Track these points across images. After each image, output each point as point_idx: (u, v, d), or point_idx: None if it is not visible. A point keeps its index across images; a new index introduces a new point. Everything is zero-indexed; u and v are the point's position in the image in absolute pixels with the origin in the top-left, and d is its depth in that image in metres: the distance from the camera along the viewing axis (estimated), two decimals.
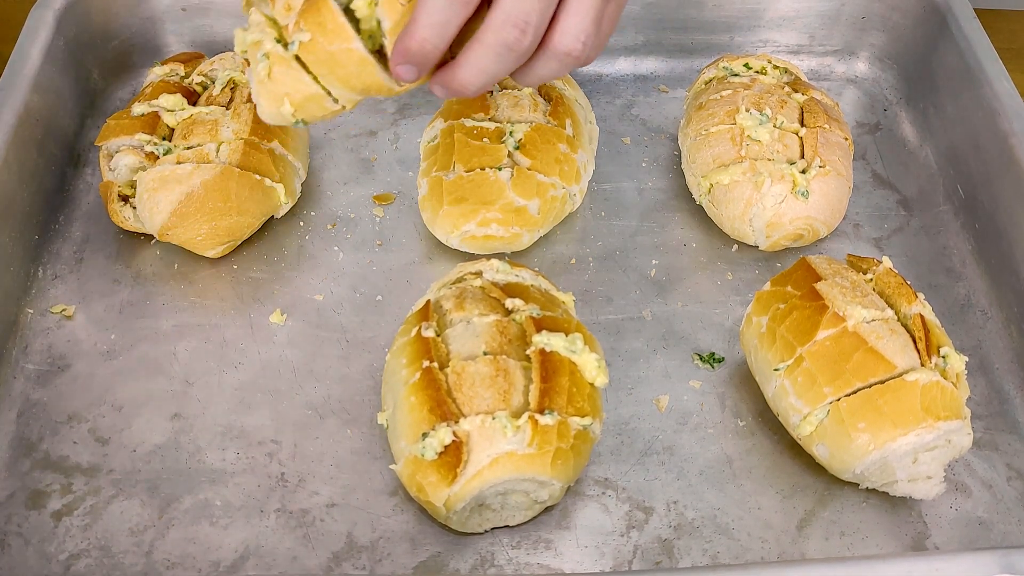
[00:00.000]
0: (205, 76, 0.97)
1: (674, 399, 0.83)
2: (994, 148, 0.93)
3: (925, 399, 0.71)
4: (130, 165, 0.89)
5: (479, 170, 0.88)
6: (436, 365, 0.71)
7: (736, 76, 1.00)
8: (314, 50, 0.64)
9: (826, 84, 1.13)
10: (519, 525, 0.74)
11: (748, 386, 0.83)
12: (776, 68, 1.01)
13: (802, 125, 0.94)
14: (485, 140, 0.90)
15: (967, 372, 0.76)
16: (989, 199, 0.93)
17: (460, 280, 0.80)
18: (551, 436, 0.68)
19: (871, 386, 0.72)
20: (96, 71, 1.05)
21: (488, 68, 0.64)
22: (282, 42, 0.66)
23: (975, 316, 0.90)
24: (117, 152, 0.90)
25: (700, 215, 0.97)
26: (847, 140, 0.95)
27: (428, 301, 0.77)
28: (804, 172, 0.90)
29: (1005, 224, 0.90)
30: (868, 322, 0.74)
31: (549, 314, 0.75)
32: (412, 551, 0.73)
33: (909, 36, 1.09)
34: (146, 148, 0.89)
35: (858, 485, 0.76)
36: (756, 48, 1.14)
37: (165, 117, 0.91)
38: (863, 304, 0.75)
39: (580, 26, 0.63)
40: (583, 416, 0.71)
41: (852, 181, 0.95)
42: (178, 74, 0.97)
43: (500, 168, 0.88)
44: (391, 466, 0.72)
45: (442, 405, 0.69)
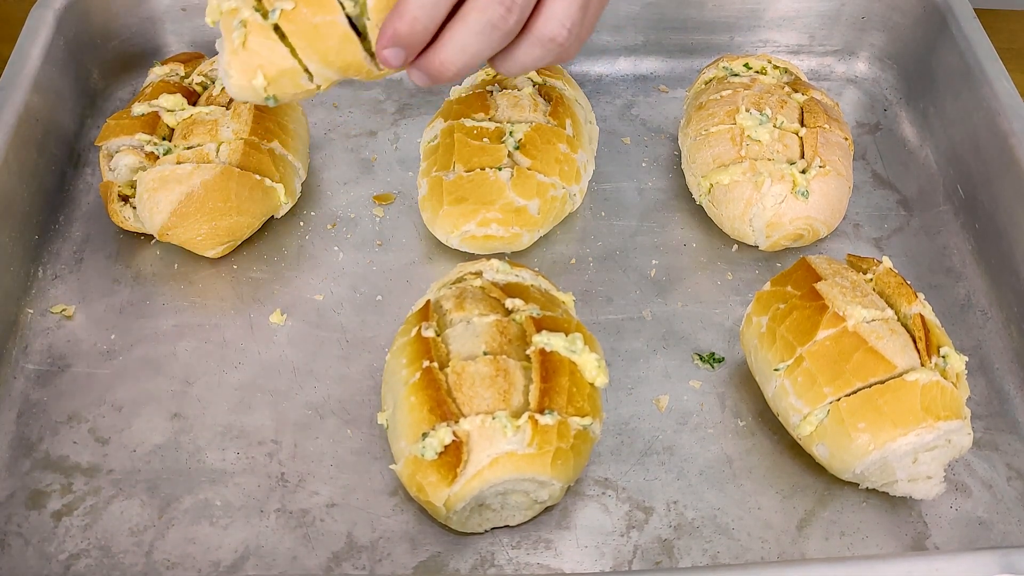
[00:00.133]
0: (205, 76, 0.97)
1: (674, 399, 0.83)
2: (994, 148, 0.93)
3: (925, 399, 0.71)
4: (130, 165, 0.89)
5: (479, 170, 0.88)
6: (436, 365, 0.71)
7: (736, 76, 1.00)
8: (296, 19, 0.62)
9: (826, 84, 1.13)
10: (519, 525, 0.74)
11: (748, 386, 0.83)
12: (776, 68, 1.01)
13: (802, 125, 0.94)
14: (485, 140, 0.90)
15: (967, 372, 0.76)
16: (989, 199, 0.93)
17: (460, 280, 0.80)
18: (551, 436, 0.68)
19: (871, 386, 0.72)
20: (96, 71, 1.05)
21: (470, 47, 0.61)
22: (261, 11, 0.64)
23: (975, 316, 0.90)
24: (117, 152, 0.90)
25: (700, 215, 0.97)
26: (847, 140, 0.95)
27: (428, 301, 0.77)
28: (804, 172, 0.90)
29: (1005, 224, 0.90)
30: (868, 322, 0.74)
31: (549, 314, 0.75)
32: (412, 551, 0.73)
33: (909, 36, 1.09)
34: (146, 148, 0.89)
35: (858, 485, 0.76)
36: (756, 48, 1.14)
37: (165, 117, 0.91)
38: (863, 304, 0.75)
39: (566, 12, 0.62)
40: (583, 416, 0.70)
41: (852, 181, 0.95)
42: (178, 74, 0.97)
43: (500, 168, 0.88)
44: (391, 466, 0.72)
45: (442, 405, 0.69)
